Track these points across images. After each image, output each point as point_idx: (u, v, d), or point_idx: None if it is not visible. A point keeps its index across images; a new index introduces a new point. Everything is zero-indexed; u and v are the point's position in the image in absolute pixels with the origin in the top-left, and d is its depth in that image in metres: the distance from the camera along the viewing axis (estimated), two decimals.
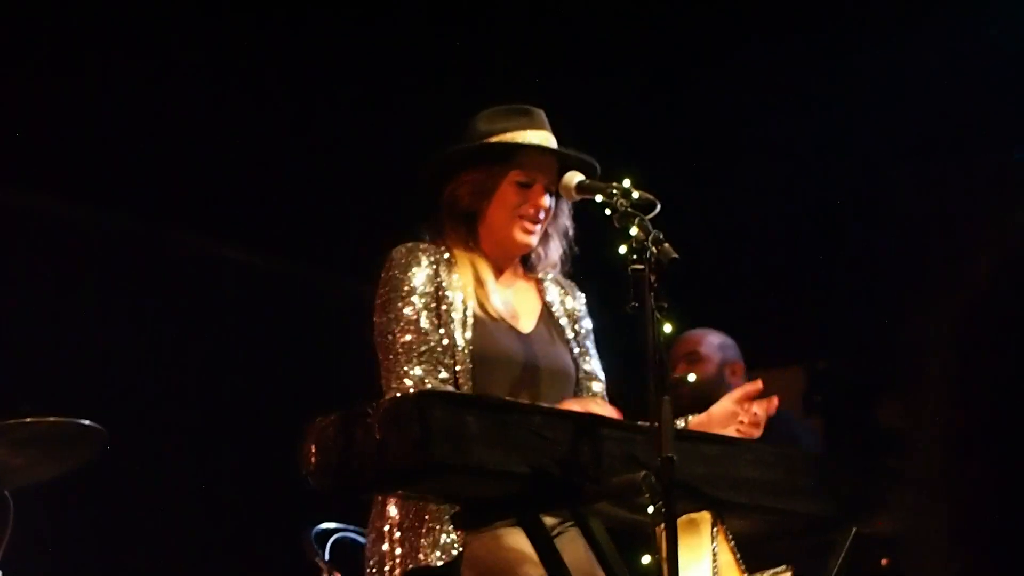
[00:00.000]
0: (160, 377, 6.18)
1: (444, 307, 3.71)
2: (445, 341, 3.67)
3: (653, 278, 3.23)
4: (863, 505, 3.55)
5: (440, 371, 3.64)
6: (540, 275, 3.98)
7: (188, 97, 6.07)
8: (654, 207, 3.43)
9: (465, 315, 3.72)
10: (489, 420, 3.01)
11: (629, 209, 3.40)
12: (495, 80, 6.04)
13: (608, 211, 3.45)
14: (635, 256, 3.27)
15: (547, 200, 3.85)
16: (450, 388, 3.61)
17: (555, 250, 3.96)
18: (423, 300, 3.70)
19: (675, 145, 6.50)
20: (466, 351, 3.68)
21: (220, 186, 6.31)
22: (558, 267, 3.99)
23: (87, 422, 4.52)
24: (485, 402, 3.28)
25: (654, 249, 3.26)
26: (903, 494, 3.57)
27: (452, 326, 3.69)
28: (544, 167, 3.85)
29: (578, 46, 6.39)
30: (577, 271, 4.05)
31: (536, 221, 3.85)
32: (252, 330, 6.50)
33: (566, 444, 3.08)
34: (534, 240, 3.87)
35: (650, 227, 3.32)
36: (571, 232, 3.97)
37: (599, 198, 3.53)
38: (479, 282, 3.81)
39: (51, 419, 4.50)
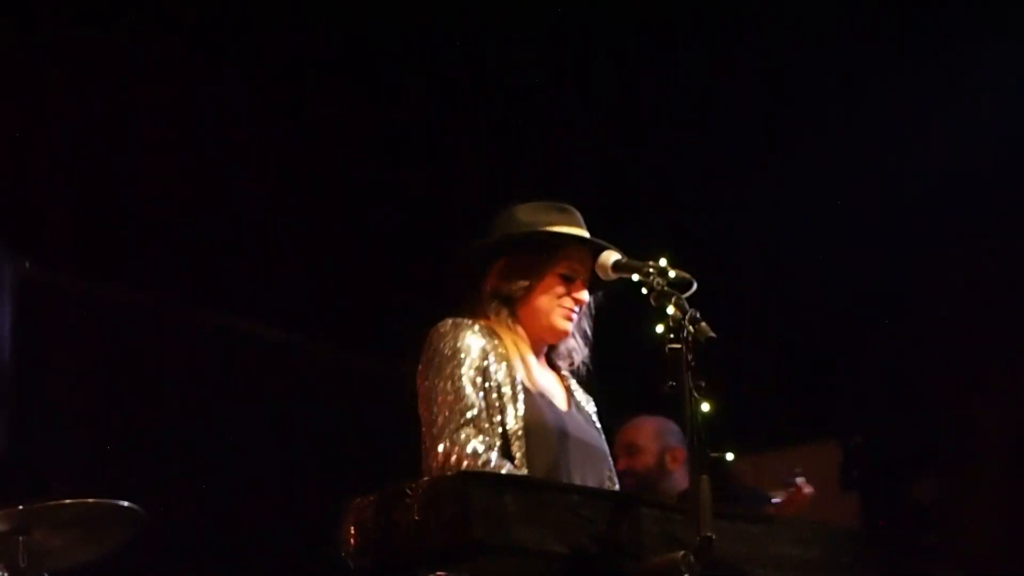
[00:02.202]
0: (196, 457, 6.19)
1: (491, 379, 3.72)
2: (490, 411, 3.68)
3: (690, 357, 3.24)
4: None
5: (484, 437, 3.64)
6: (563, 372, 4.00)
7: (229, 178, 6.15)
8: (691, 286, 3.44)
9: (515, 388, 3.73)
10: (528, 500, 3.02)
11: (666, 288, 3.41)
12: (518, 159, 6.13)
13: (644, 290, 3.47)
14: (672, 335, 3.28)
15: (586, 295, 3.90)
16: (494, 455, 3.61)
17: (576, 349, 3.99)
18: (471, 368, 3.71)
19: (710, 217, 6.52)
20: (519, 422, 3.69)
21: (249, 265, 6.36)
22: (576, 365, 4.02)
23: (125, 503, 4.55)
24: (523, 482, 3.29)
25: (691, 328, 3.27)
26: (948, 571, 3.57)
27: (503, 397, 3.70)
28: (585, 263, 3.89)
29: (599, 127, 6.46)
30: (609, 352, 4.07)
31: (574, 312, 3.90)
32: (288, 409, 6.51)
33: (605, 523, 3.08)
34: (571, 328, 3.91)
35: (687, 306, 3.33)
36: (590, 333, 4.00)
37: (636, 277, 3.55)
38: (522, 359, 3.83)
39: (89, 500, 4.54)
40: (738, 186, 6.56)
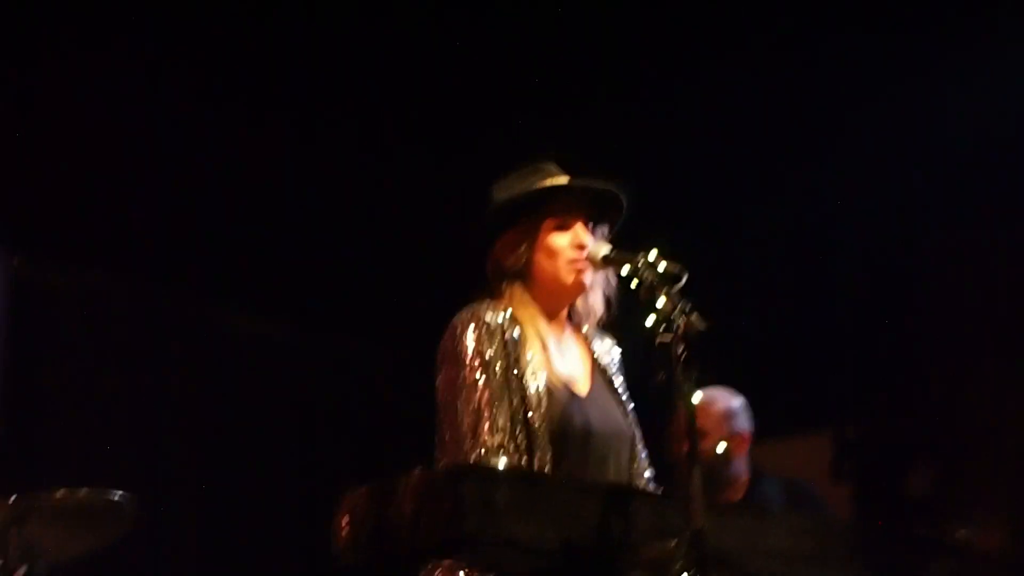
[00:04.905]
0: (190, 449, 6.19)
1: (515, 377, 3.69)
2: (511, 398, 3.65)
3: (680, 349, 3.23)
4: (896, 575, 3.53)
5: (510, 450, 3.61)
6: (585, 330, 3.94)
7: (224, 171, 6.15)
8: (681, 278, 3.42)
9: (538, 389, 3.69)
10: (520, 494, 3.02)
11: (656, 282, 3.40)
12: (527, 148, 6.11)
13: (635, 283, 3.46)
14: (663, 328, 3.28)
15: (589, 239, 3.83)
16: (508, 458, 3.60)
17: (597, 301, 3.92)
18: (493, 375, 3.67)
19: (703, 206, 6.51)
20: (543, 428, 3.66)
21: (242, 257, 6.37)
22: (599, 319, 3.95)
23: (118, 494, 4.55)
24: (516, 476, 3.28)
25: (681, 320, 3.25)
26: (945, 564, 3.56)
27: (526, 398, 3.67)
28: (574, 206, 3.85)
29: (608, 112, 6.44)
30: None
31: (580, 260, 3.81)
32: (282, 401, 6.52)
33: (597, 516, 3.08)
34: (587, 279, 3.84)
35: (677, 298, 3.31)
36: (612, 282, 3.91)
37: (625, 270, 3.54)
38: (543, 346, 3.78)
39: (82, 491, 4.54)
40: (735, 173, 6.54)
